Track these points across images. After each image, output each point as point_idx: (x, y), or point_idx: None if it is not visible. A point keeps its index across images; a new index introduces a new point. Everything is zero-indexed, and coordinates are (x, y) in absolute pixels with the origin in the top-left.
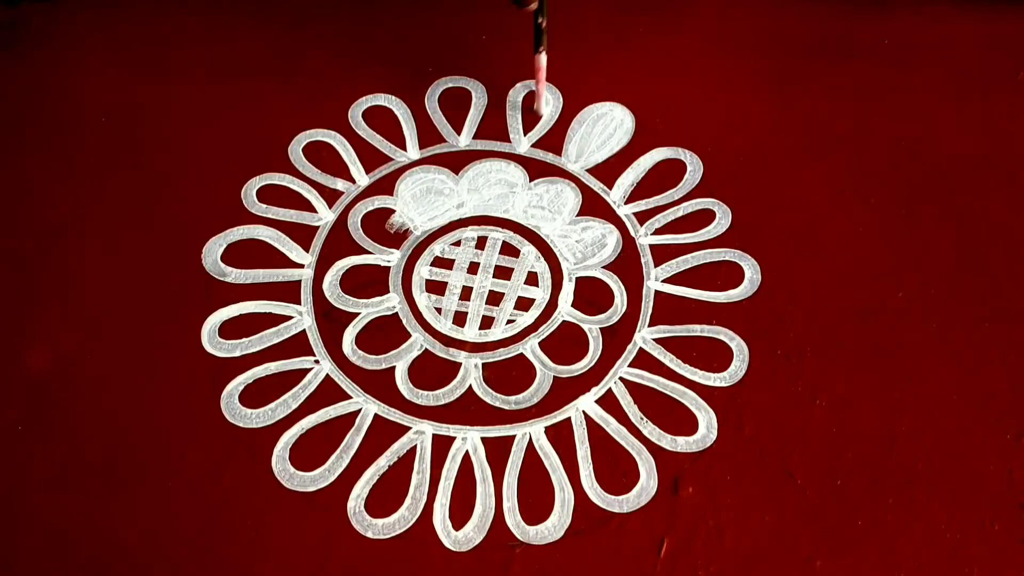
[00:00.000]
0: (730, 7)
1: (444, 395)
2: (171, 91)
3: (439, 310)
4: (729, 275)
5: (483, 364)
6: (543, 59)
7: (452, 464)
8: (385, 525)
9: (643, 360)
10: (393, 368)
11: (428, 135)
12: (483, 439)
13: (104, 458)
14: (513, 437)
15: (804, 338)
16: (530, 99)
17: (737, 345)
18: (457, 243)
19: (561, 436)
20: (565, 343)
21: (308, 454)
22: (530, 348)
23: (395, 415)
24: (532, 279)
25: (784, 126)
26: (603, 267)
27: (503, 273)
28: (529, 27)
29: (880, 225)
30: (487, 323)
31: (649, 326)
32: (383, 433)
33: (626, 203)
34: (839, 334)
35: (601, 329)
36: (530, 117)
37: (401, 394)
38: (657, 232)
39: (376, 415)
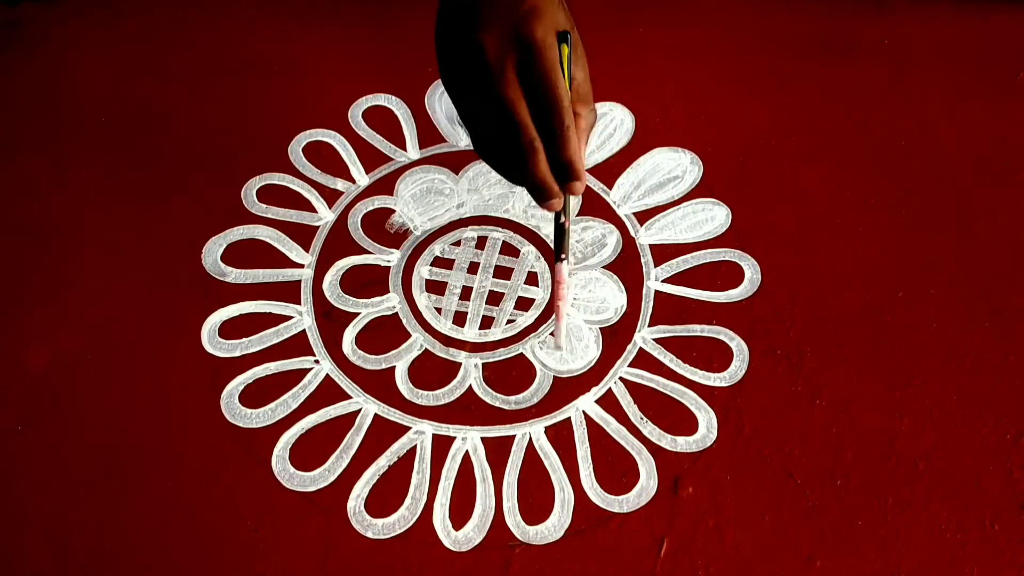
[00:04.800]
0: (730, 7)
1: (444, 395)
2: (171, 91)
3: (439, 310)
4: (729, 275)
5: (483, 364)
6: (565, 270)
7: (452, 464)
8: (385, 525)
9: (643, 360)
10: (393, 368)
11: (428, 135)
12: (483, 439)
13: (104, 458)
14: (513, 437)
15: (804, 338)
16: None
17: (737, 345)
18: (457, 243)
19: (561, 436)
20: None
21: (308, 454)
22: (530, 348)
23: (395, 415)
24: (532, 279)
25: (784, 126)
26: (603, 267)
27: (503, 273)
28: None
29: (880, 225)
30: (487, 323)
31: (649, 326)
32: (383, 433)
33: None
34: (839, 334)
35: (601, 329)
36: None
37: (401, 394)
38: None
39: (376, 415)
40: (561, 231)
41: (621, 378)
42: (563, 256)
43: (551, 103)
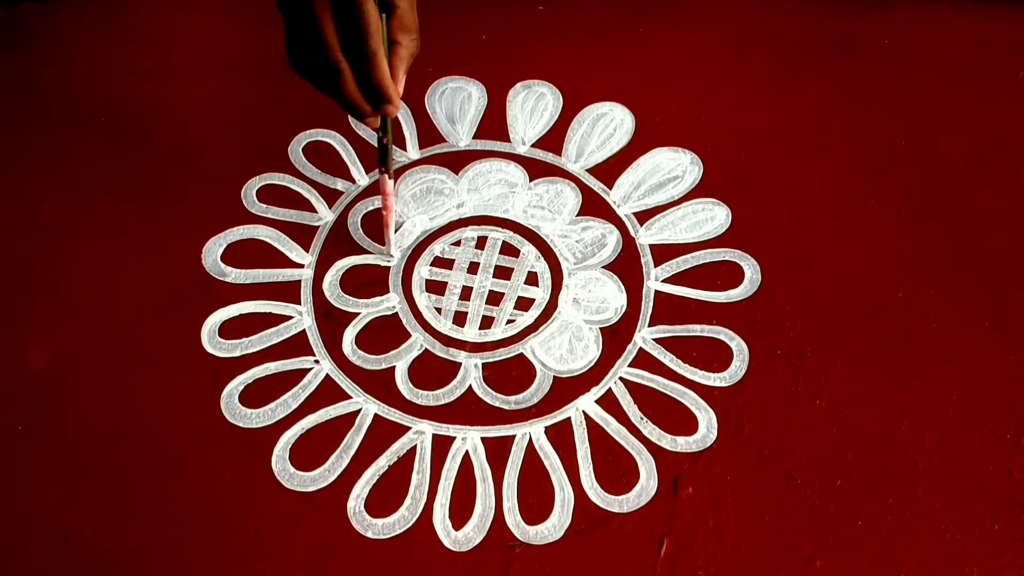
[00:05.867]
0: (730, 7)
1: (444, 395)
2: (171, 91)
3: (439, 310)
4: (729, 275)
5: (483, 364)
6: (390, 184)
7: (452, 464)
8: (385, 525)
9: (643, 360)
10: (393, 368)
11: (428, 135)
12: (483, 439)
13: (104, 458)
14: (513, 437)
15: (804, 338)
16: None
17: (737, 345)
18: (457, 243)
19: (561, 436)
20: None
21: (308, 454)
22: (530, 348)
23: (395, 415)
24: (532, 279)
25: (784, 126)
26: (603, 267)
27: (503, 273)
28: (530, 26)
29: (880, 225)
30: (487, 323)
31: (649, 326)
32: (383, 433)
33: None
34: (839, 334)
35: (601, 329)
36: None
37: (401, 394)
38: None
39: (376, 415)
40: (383, 148)
41: (621, 378)
42: (384, 170)
43: (357, 27)
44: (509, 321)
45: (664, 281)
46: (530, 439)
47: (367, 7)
